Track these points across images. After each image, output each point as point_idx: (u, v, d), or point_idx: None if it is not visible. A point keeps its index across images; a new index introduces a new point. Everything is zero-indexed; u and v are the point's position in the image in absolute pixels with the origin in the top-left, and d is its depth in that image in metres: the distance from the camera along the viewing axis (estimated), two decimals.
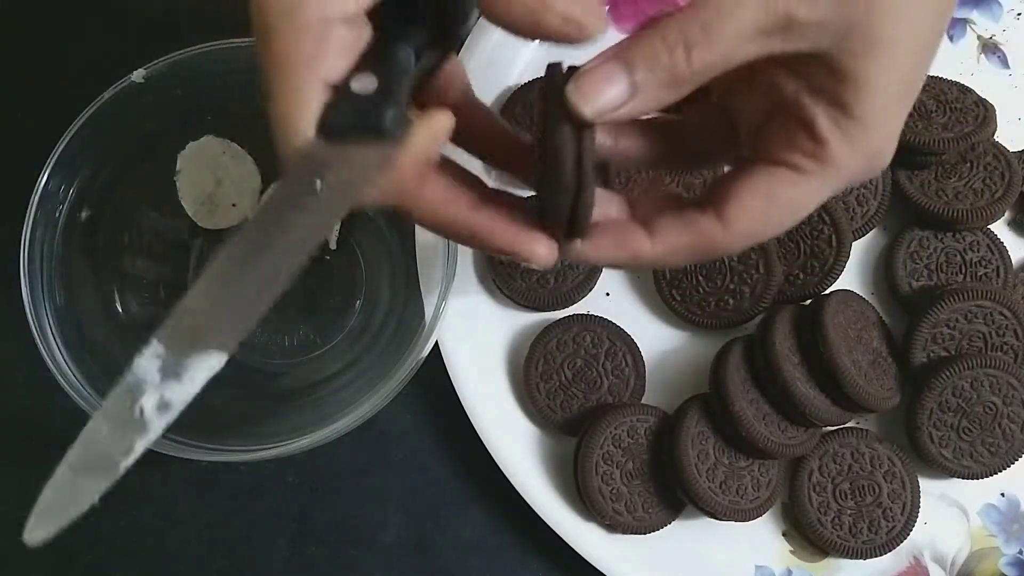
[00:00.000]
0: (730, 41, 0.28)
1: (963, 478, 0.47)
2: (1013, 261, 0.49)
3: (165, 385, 0.29)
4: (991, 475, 0.46)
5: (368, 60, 0.30)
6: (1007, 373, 0.46)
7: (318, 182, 0.28)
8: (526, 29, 0.29)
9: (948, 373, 0.46)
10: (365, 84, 0.29)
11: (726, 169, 0.33)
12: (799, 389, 0.44)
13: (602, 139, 0.32)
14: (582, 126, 0.29)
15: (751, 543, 0.48)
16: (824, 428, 0.47)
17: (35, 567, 0.50)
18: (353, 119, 0.29)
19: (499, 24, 0.29)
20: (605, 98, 0.29)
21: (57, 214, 0.44)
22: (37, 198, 0.43)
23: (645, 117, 0.31)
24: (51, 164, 0.43)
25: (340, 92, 0.29)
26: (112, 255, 0.48)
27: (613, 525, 0.46)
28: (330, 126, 0.29)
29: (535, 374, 0.49)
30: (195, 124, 0.48)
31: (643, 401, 0.49)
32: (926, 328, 0.47)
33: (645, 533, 0.47)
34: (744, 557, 0.48)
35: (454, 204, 0.31)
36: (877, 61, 0.29)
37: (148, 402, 0.29)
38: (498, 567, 0.49)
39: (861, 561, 0.47)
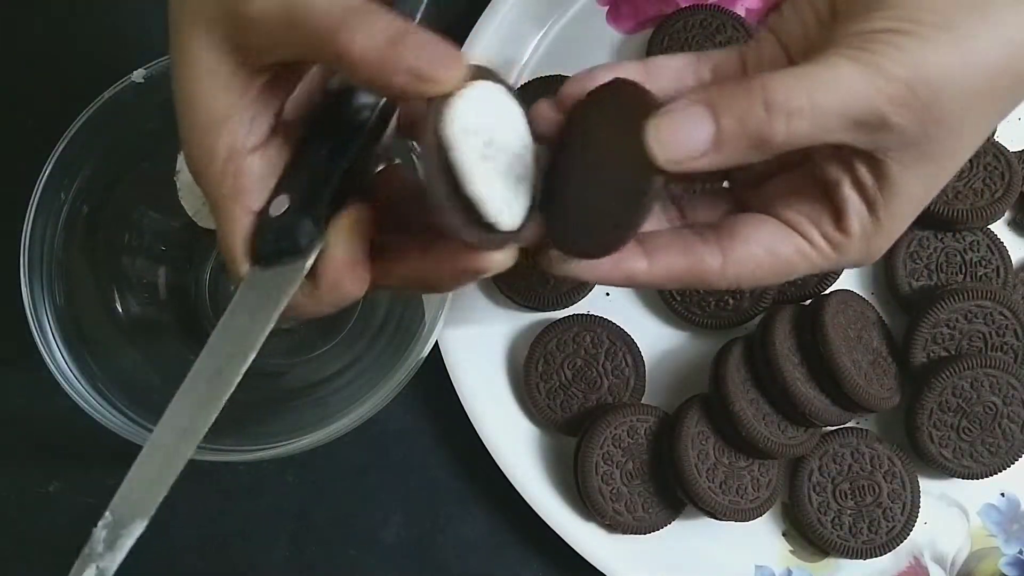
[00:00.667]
0: (830, 124, 0.28)
1: (963, 478, 0.47)
2: (1013, 261, 0.49)
3: (104, 555, 0.33)
4: (991, 475, 0.46)
5: (285, 179, 0.32)
6: (1007, 373, 0.46)
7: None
8: (379, 88, 0.30)
9: (948, 373, 0.46)
10: (279, 206, 0.31)
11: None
12: (799, 389, 0.44)
13: None
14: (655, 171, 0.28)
15: (751, 543, 0.48)
16: (824, 428, 0.47)
17: (35, 567, 0.50)
18: (273, 242, 0.31)
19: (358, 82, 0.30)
20: (686, 147, 0.28)
21: (57, 214, 0.44)
22: (37, 198, 0.43)
23: None
24: (51, 164, 0.43)
25: (262, 218, 0.31)
26: (112, 255, 0.48)
27: (613, 525, 0.46)
28: (259, 252, 0.31)
29: (535, 374, 0.49)
30: None
31: (643, 401, 0.49)
32: (926, 328, 0.47)
33: (645, 533, 0.47)
34: (744, 557, 0.48)
35: (402, 262, 0.32)
36: (919, 174, 0.30)
37: (90, 573, 0.33)
38: (498, 567, 0.49)
39: (861, 561, 0.47)
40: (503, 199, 0.30)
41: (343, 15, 0.28)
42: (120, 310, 0.48)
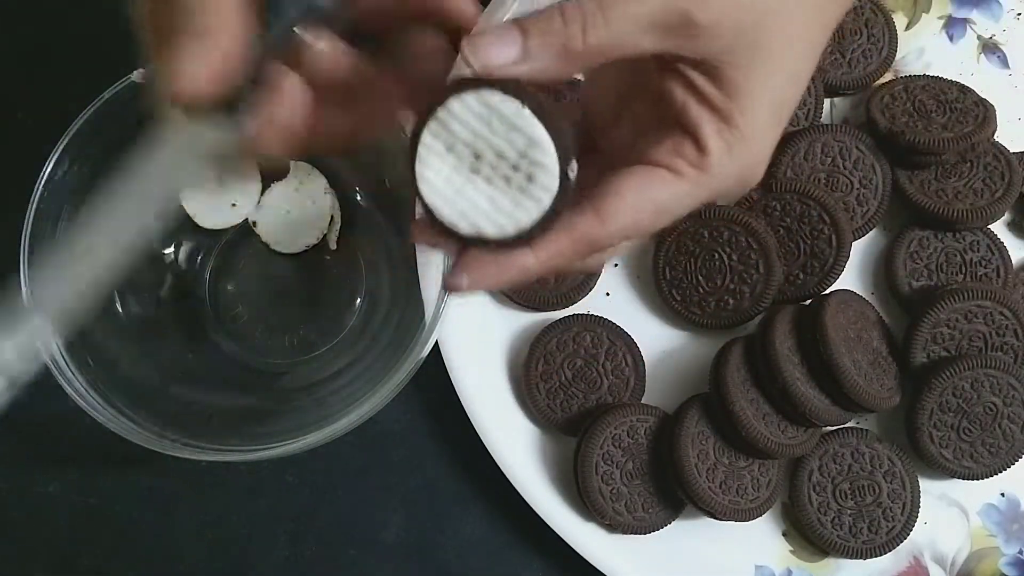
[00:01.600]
0: (626, 27, 0.29)
1: (963, 478, 0.47)
2: (1013, 261, 0.49)
3: (12, 365, 0.33)
4: (991, 475, 0.46)
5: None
6: (1007, 373, 0.46)
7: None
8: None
9: (948, 373, 0.46)
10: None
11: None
12: (799, 389, 0.44)
13: None
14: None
15: (751, 543, 0.48)
16: (824, 428, 0.47)
17: (35, 567, 0.50)
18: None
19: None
20: (496, 56, 0.30)
21: (57, 213, 0.44)
22: (37, 198, 0.43)
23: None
24: (51, 164, 0.43)
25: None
26: None
27: (613, 525, 0.46)
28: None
29: (535, 374, 0.49)
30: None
31: (643, 401, 0.49)
32: (926, 328, 0.47)
33: (645, 533, 0.47)
34: (744, 557, 0.48)
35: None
36: (764, 73, 0.30)
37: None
38: (498, 567, 0.49)
39: (861, 561, 0.47)
40: (489, 210, 0.31)
41: None
42: (120, 310, 0.48)
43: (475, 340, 0.49)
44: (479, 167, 0.31)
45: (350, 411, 0.42)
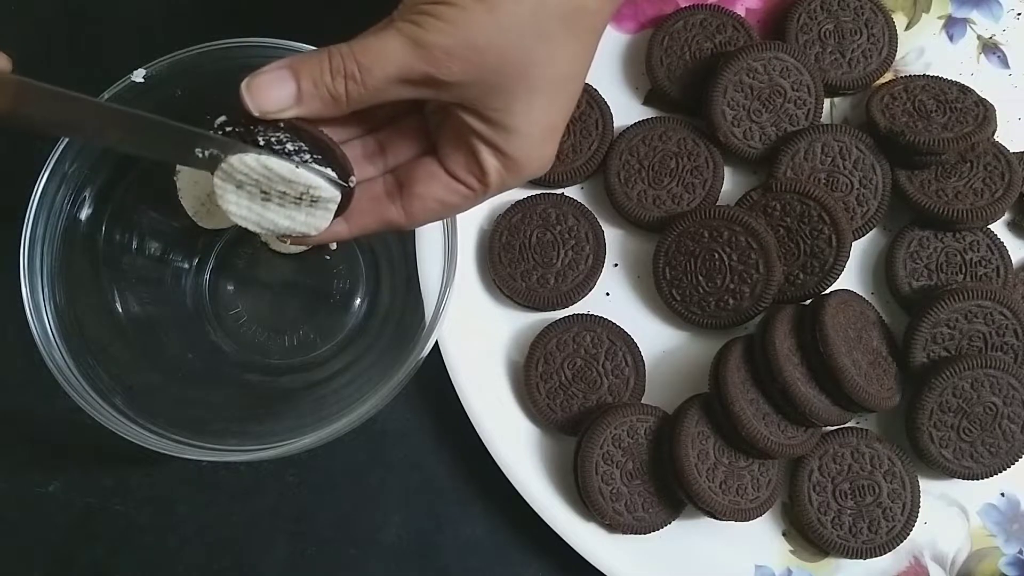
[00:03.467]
0: (381, 84, 0.35)
1: (963, 478, 0.47)
2: (1013, 261, 0.49)
3: None
4: (991, 475, 0.46)
5: None
6: (1007, 373, 0.46)
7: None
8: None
9: (948, 373, 0.46)
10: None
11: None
12: (799, 389, 0.44)
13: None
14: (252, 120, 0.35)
15: (751, 543, 0.48)
16: (824, 428, 0.47)
17: (35, 567, 0.50)
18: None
19: None
20: (271, 101, 0.35)
21: (57, 214, 0.44)
22: (37, 198, 0.43)
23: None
24: (51, 164, 0.43)
25: None
26: (112, 255, 0.48)
27: (613, 525, 0.46)
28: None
29: (535, 374, 0.49)
30: (195, 124, 0.48)
31: (643, 401, 0.49)
32: (926, 328, 0.47)
33: (645, 533, 0.47)
34: (744, 557, 0.48)
35: None
36: (518, 111, 0.36)
37: None
38: (498, 567, 0.49)
39: (861, 561, 0.47)
40: (290, 224, 0.38)
41: None
42: (120, 310, 0.48)
43: (475, 340, 0.49)
44: (269, 198, 0.37)
45: (350, 411, 0.42)
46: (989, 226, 0.49)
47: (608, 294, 0.51)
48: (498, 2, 0.34)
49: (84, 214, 0.46)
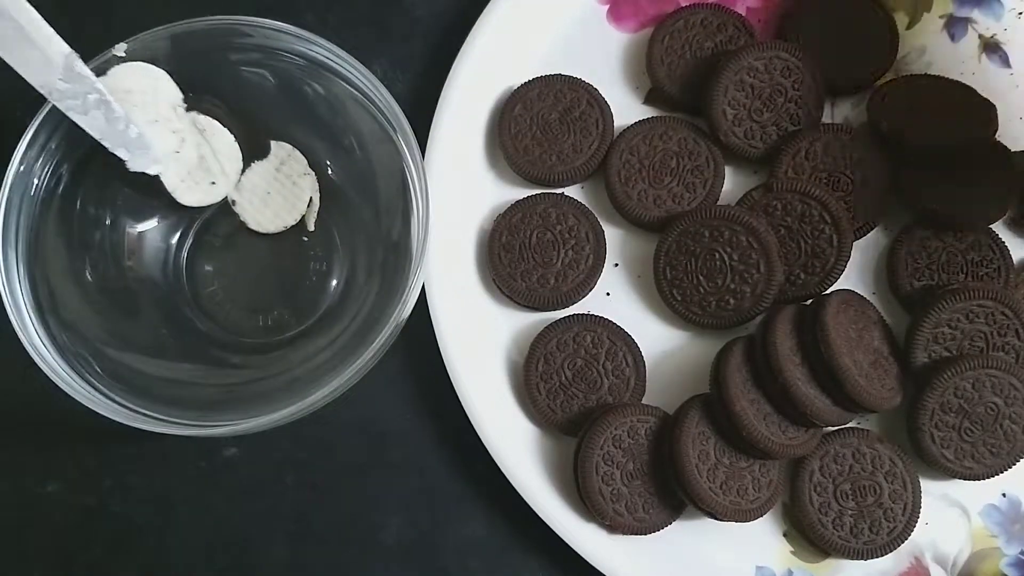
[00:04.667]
0: None
1: (965, 479, 0.47)
2: (1015, 261, 0.49)
3: None
4: (993, 476, 0.46)
5: None
6: (1009, 374, 0.45)
7: None
8: None
9: (950, 373, 0.45)
10: None
11: None
12: (800, 389, 0.44)
13: None
14: None
15: (752, 544, 0.48)
16: (825, 428, 0.47)
17: (35, 567, 0.50)
18: None
19: None
20: None
21: (32, 191, 0.44)
22: (12, 174, 0.43)
23: None
24: (27, 138, 0.43)
25: None
26: (88, 232, 0.47)
27: (613, 526, 0.46)
28: None
29: (535, 374, 0.48)
30: (175, 99, 0.48)
31: (643, 401, 0.49)
32: (927, 328, 0.47)
33: (645, 534, 0.47)
34: (745, 558, 0.48)
35: None
36: None
37: None
38: (498, 567, 0.49)
39: (862, 562, 0.47)
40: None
41: None
42: (91, 281, 0.47)
43: (475, 340, 0.49)
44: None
45: (326, 383, 0.42)
46: (991, 226, 0.49)
47: (608, 294, 0.51)
48: None
49: (60, 190, 0.45)
